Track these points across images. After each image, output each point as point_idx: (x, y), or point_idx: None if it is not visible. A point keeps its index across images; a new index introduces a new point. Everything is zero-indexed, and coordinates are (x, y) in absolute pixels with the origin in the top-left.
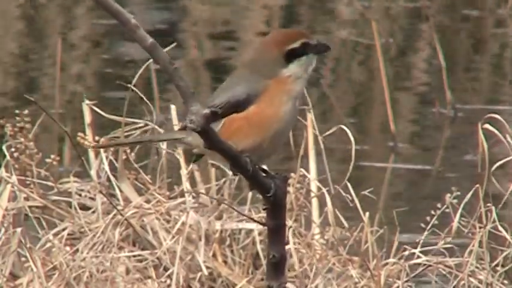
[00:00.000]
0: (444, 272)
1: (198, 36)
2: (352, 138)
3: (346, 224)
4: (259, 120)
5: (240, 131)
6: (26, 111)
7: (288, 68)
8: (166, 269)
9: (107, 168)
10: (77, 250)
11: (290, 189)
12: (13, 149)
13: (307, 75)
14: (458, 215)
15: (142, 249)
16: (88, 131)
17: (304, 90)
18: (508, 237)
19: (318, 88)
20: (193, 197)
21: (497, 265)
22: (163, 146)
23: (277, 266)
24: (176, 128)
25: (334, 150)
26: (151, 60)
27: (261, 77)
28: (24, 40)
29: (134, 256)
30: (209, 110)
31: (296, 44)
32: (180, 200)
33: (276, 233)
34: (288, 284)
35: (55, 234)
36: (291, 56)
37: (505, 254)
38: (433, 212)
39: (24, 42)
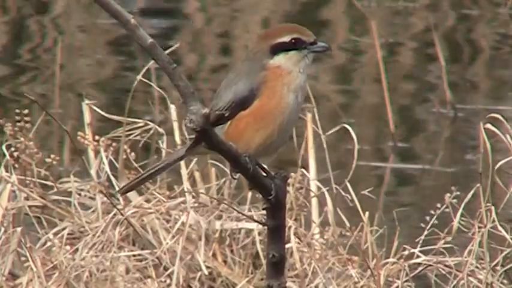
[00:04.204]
0: (444, 272)
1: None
2: (355, 138)
3: (347, 223)
4: (264, 113)
5: (250, 128)
6: (26, 111)
7: (273, 59)
8: (166, 269)
9: (106, 167)
10: (77, 249)
11: (290, 189)
12: (13, 149)
13: (300, 70)
14: (458, 214)
15: (142, 249)
16: (88, 131)
17: (307, 86)
18: (507, 237)
19: (318, 88)
20: (193, 197)
21: (496, 265)
22: (164, 145)
23: (277, 265)
24: (175, 126)
25: (333, 150)
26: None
27: (258, 68)
28: (24, 40)
29: (134, 256)
30: (215, 113)
31: (285, 39)
32: (180, 199)
33: (275, 232)
34: (290, 284)
35: (55, 234)
36: (277, 49)
37: (504, 253)
38: (432, 212)
39: (24, 42)
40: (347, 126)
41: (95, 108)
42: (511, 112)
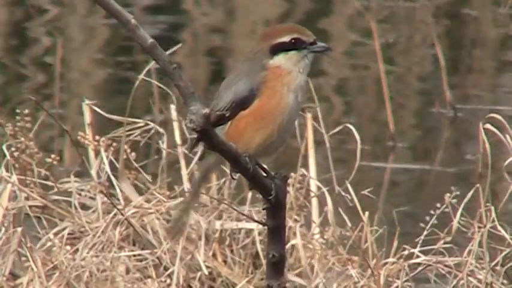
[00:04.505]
0: (443, 272)
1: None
2: (358, 138)
3: (349, 223)
4: (264, 113)
5: (250, 128)
6: (27, 111)
7: (273, 59)
8: (166, 269)
9: (107, 167)
10: (77, 250)
11: (290, 189)
12: (13, 149)
13: (300, 70)
14: (458, 214)
15: (143, 249)
16: (88, 131)
17: (309, 85)
18: (507, 236)
19: (318, 88)
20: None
21: (496, 265)
22: (164, 145)
23: (277, 265)
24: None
25: (333, 150)
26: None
27: (258, 68)
28: (23, 40)
29: (134, 256)
30: (215, 113)
31: (284, 39)
32: (180, 199)
33: (275, 232)
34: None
35: (55, 234)
36: (277, 49)
37: (504, 253)
38: (432, 212)
39: (23, 42)
40: (350, 126)
41: (95, 108)
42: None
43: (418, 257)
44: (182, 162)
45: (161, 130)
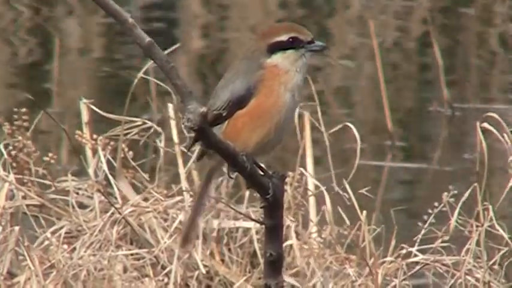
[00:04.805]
0: (441, 271)
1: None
2: (358, 137)
3: (347, 222)
4: (261, 111)
5: (247, 127)
6: (24, 110)
7: (271, 58)
8: (164, 268)
9: (104, 166)
10: (75, 248)
11: (288, 187)
12: (11, 148)
13: (298, 69)
14: (456, 213)
15: (140, 248)
16: (86, 130)
17: (302, 84)
18: (505, 235)
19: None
20: (191, 196)
21: (494, 264)
22: (161, 144)
23: (275, 264)
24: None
25: (331, 149)
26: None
27: (255, 67)
28: (23, 39)
29: (132, 254)
30: (213, 112)
31: (282, 37)
32: (177, 198)
33: (273, 231)
34: (291, 281)
35: (53, 233)
36: (275, 48)
37: (502, 252)
38: (430, 211)
39: (23, 41)
40: (350, 124)
41: (92, 107)
42: (509, 110)
43: (415, 256)
44: (180, 161)
45: (159, 129)
